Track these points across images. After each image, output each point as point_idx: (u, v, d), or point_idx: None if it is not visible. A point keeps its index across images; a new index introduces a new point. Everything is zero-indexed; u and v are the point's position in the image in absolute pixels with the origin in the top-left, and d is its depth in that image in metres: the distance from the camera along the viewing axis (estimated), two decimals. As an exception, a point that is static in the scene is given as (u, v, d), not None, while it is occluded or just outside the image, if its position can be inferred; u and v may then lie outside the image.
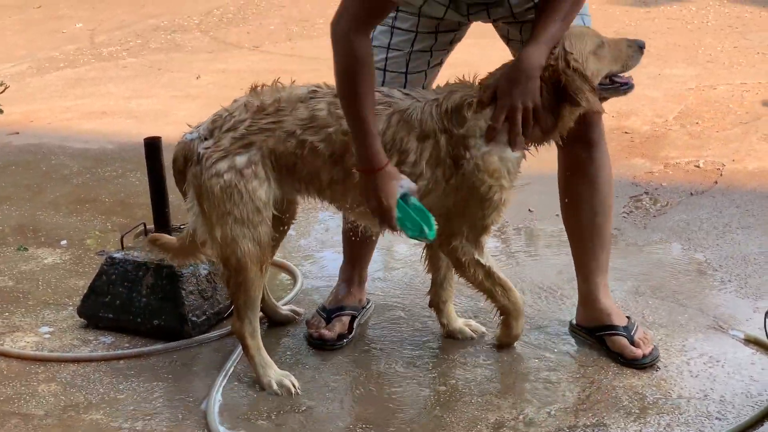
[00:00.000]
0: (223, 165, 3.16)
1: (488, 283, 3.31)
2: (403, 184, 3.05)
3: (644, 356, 3.36)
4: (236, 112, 3.22)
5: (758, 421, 3.01)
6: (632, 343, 3.38)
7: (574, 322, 3.57)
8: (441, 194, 3.15)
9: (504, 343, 3.48)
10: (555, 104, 3.11)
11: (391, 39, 3.30)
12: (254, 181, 3.17)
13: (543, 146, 3.24)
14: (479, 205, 3.15)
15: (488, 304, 3.40)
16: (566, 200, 3.47)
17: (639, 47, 3.23)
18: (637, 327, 3.44)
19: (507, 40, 3.36)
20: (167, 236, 3.61)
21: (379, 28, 3.27)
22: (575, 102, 3.09)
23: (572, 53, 3.08)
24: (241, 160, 3.17)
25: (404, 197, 3.04)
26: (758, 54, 6.75)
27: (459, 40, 3.39)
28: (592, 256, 3.47)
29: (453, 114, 3.12)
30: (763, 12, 7.66)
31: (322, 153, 3.16)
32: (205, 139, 3.22)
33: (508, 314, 3.39)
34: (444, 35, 3.31)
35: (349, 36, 2.98)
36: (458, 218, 3.18)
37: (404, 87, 3.28)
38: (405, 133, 3.13)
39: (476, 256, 3.25)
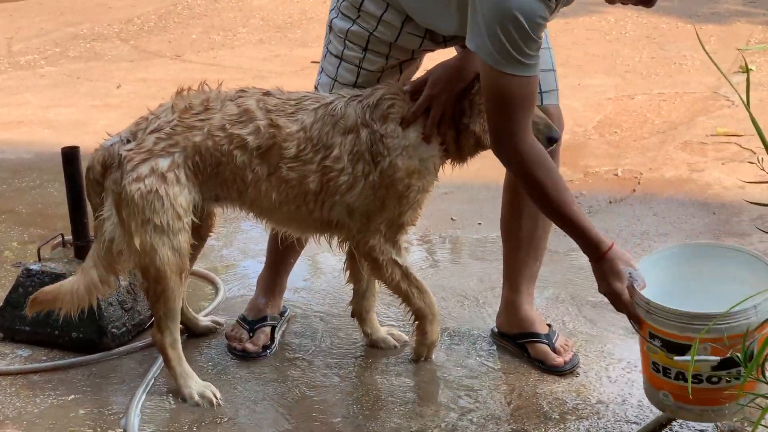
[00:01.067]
0: (144, 169, 3.13)
1: (405, 284, 3.31)
2: (631, 272, 2.95)
3: (565, 363, 3.41)
4: (162, 114, 3.21)
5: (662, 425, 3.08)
6: (554, 350, 3.42)
7: (496, 329, 3.60)
8: (360, 191, 3.16)
9: (420, 353, 3.46)
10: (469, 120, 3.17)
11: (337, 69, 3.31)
12: (176, 187, 3.14)
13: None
14: (397, 202, 3.17)
15: (403, 308, 3.40)
16: (510, 209, 3.47)
17: (548, 139, 3.14)
18: (558, 335, 3.48)
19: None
20: (47, 288, 3.32)
21: (331, 60, 3.29)
22: (469, 122, 3.15)
23: None
24: (164, 162, 3.13)
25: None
26: (675, 64, 6.88)
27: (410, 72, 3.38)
28: (525, 266, 3.50)
29: (374, 110, 3.14)
30: (680, 23, 7.81)
31: (250, 147, 3.14)
32: (128, 141, 3.19)
33: (423, 318, 3.38)
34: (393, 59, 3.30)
35: (518, 147, 2.92)
36: (377, 216, 3.19)
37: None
38: (330, 127, 3.14)
39: (394, 256, 3.25)
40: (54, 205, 4.93)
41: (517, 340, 3.51)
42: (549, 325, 3.52)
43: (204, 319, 3.72)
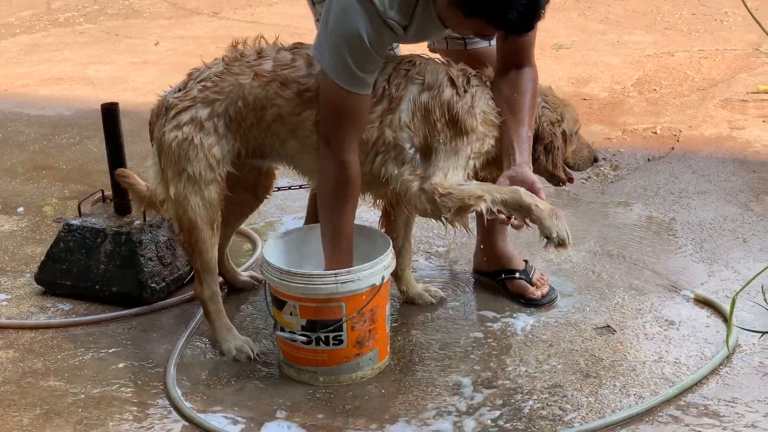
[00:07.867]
0: (185, 116, 3.15)
1: (480, 191, 3.02)
2: None
3: (543, 296, 3.54)
4: (214, 65, 3.23)
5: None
6: (531, 285, 3.54)
7: (474, 269, 3.71)
8: (422, 142, 3.11)
9: (550, 230, 2.96)
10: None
11: None
12: (212, 137, 3.15)
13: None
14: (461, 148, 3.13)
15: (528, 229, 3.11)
16: None
17: (594, 159, 3.47)
18: (534, 270, 3.58)
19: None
20: (137, 178, 3.53)
21: None
22: (550, 164, 3.27)
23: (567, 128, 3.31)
24: (204, 111, 3.15)
25: None
26: (716, 21, 6.80)
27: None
28: None
29: (470, 78, 3.14)
30: (721, -21, 7.71)
31: (299, 89, 3.10)
32: (179, 90, 3.22)
33: (528, 207, 2.98)
34: None
35: (343, 157, 3.00)
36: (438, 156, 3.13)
37: None
38: (402, 79, 3.11)
39: (439, 186, 3.07)
40: (94, 161, 4.97)
41: (495, 277, 3.61)
42: (526, 261, 3.61)
43: (243, 274, 3.75)
